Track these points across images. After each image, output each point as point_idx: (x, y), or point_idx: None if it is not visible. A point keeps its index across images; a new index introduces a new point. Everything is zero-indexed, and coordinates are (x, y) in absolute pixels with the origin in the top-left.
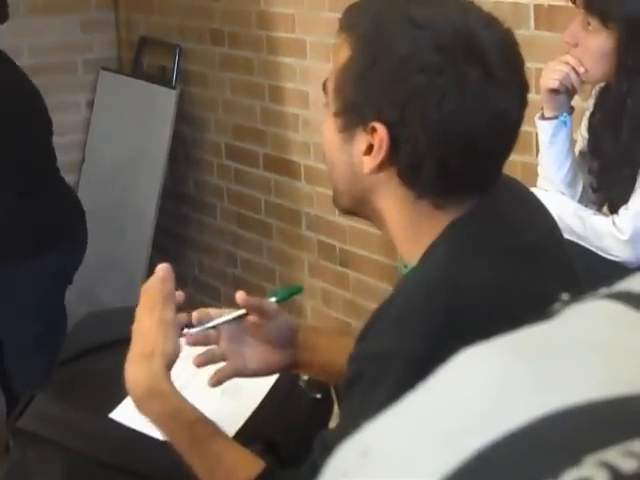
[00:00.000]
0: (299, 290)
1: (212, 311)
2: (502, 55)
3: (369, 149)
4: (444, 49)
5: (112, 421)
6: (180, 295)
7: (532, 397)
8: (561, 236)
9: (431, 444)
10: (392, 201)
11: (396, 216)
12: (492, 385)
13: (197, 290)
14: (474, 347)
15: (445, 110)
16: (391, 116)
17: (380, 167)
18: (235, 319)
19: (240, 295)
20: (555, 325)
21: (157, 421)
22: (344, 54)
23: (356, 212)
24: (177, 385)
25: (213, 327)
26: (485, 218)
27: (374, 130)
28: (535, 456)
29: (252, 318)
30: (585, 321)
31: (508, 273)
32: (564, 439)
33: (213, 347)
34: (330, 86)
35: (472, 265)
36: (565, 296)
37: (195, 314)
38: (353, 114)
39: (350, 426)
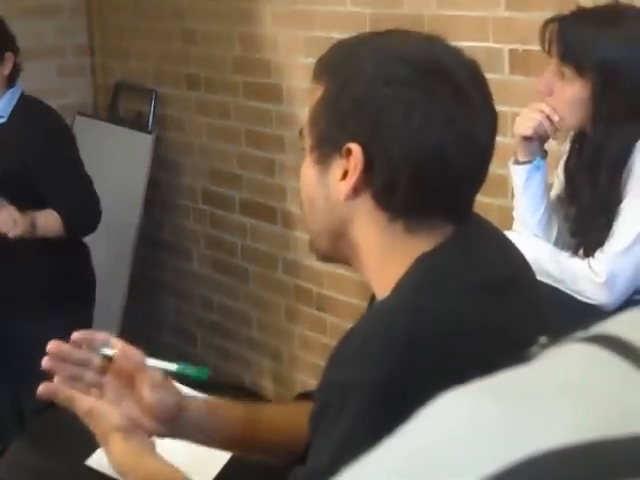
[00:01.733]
0: (203, 374)
1: (117, 343)
2: (470, 78)
3: (345, 174)
4: (410, 63)
5: (88, 468)
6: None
7: (510, 441)
8: (533, 275)
9: None
10: (366, 228)
11: (371, 243)
12: (470, 430)
13: (173, 335)
14: (452, 391)
15: (414, 121)
16: (363, 134)
17: (355, 191)
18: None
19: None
20: (532, 369)
21: None
22: (317, 93)
23: (332, 254)
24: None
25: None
26: (455, 252)
27: (349, 153)
28: None
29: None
30: (562, 364)
31: (474, 308)
32: None
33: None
34: (305, 128)
35: (438, 296)
36: (543, 339)
37: (79, 335)
38: (327, 143)
39: (317, 460)
